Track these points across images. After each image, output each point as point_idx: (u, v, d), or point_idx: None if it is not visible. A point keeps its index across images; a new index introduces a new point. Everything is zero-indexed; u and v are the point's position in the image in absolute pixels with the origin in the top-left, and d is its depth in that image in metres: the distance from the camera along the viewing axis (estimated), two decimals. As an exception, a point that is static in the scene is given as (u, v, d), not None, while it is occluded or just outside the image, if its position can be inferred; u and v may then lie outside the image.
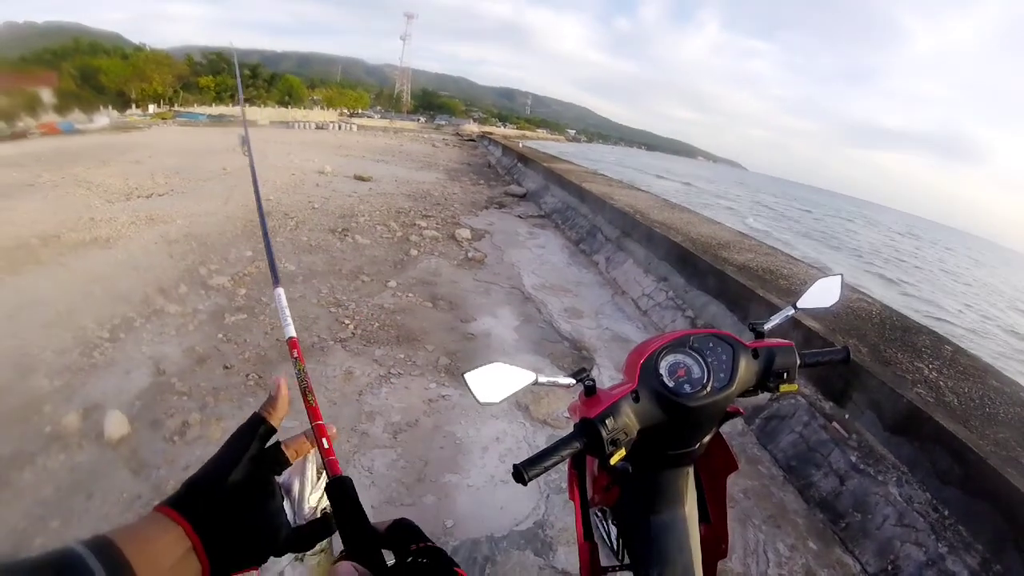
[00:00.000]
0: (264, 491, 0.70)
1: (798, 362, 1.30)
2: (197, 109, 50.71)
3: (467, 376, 1.07)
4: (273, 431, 0.74)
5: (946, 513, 2.97)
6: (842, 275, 1.53)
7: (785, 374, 1.28)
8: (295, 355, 0.88)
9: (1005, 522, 2.72)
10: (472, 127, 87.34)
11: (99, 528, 1.93)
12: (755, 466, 3.65)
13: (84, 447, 2.92)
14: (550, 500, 2.96)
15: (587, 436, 1.11)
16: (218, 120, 40.33)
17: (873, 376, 3.54)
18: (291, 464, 0.74)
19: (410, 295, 5.58)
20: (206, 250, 6.12)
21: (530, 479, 1.02)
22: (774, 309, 4.29)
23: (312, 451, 0.78)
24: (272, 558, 0.71)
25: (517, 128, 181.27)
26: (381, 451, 3.17)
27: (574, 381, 1.20)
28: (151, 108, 49.99)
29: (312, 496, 0.78)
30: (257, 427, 0.72)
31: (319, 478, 0.80)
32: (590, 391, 1.21)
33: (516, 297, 6.05)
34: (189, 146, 16.87)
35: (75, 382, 3.45)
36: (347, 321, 4.71)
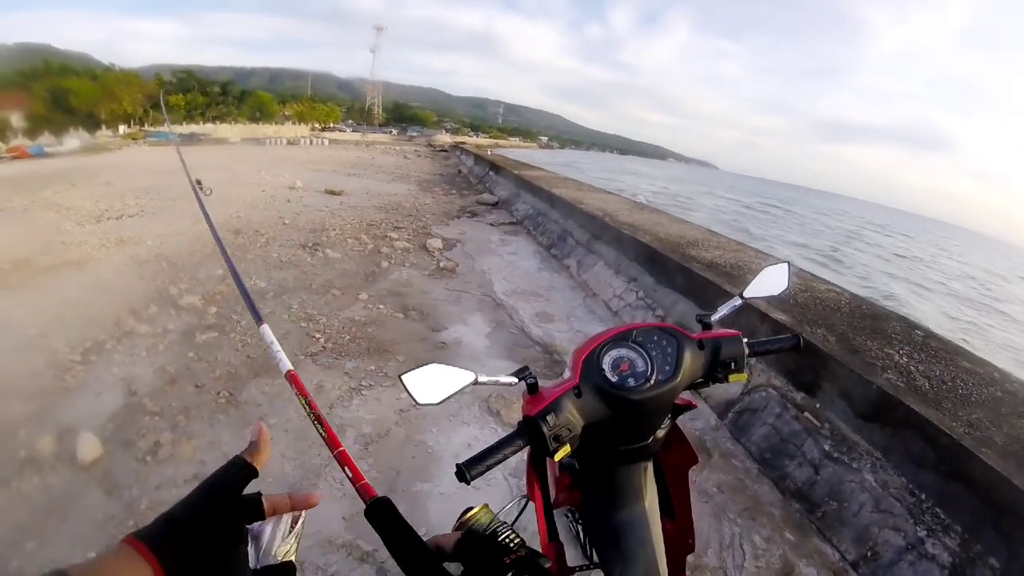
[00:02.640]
0: (235, 535, 0.69)
1: (746, 351, 1.30)
2: (168, 128, 50.25)
3: (404, 378, 1.06)
4: (255, 474, 0.74)
5: (923, 497, 2.99)
6: (789, 262, 1.54)
7: (733, 363, 1.28)
8: (295, 389, 0.95)
9: (982, 503, 2.75)
10: (444, 137, 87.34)
11: (74, 550, 1.97)
12: (729, 460, 3.70)
13: (58, 470, 2.92)
14: (522, 504, 2.98)
15: (529, 433, 1.11)
16: (190, 139, 40.08)
17: (842, 365, 3.57)
18: (265, 518, 0.75)
19: (381, 307, 5.61)
20: (176, 270, 6.12)
21: (473, 478, 1.02)
22: (746, 305, 4.35)
23: (288, 514, 0.80)
24: None
25: (490, 137, 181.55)
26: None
27: (516, 380, 1.18)
28: (121, 129, 49.52)
29: (280, 547, 0.78)
30: (240, 469, 0.73)
31: (290, 531, 0.81)
32: (532, 388, 1.19)
33: (487, 304, 6.10)
34: (160, 166, 16.71)
35: (48, 406, 3.44)
36: (318, 335, 4.73)
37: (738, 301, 1.48)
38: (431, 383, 1.08)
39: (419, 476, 3.13)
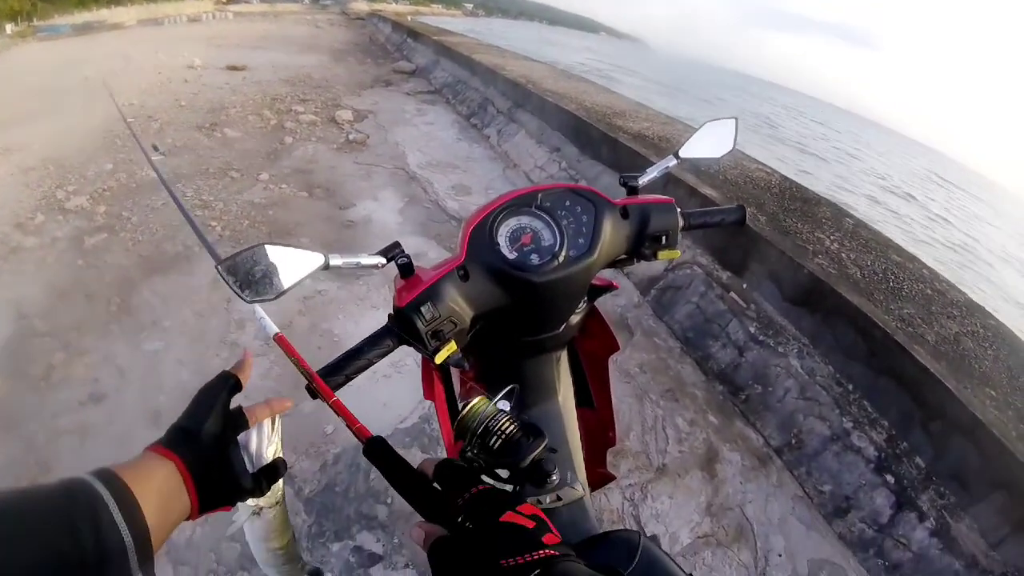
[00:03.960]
0: (230, 442, 0.75)
1: (680, 223, 1.11)
2: (59, 20, 46.50)
3: (222, 268, 0.79)
4: (240, 388, 0.79)
5: (850, 388, 3.00)
6: (736, 119, 1.29)
7: (664, 237, 1.09)
8: (284, 350, 0.94)
9: (912, 401, 2.75)
10: (360, 5, 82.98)
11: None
12: (651, 339, 3.67)
13: (-48, 418, 2.69)
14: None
15: (401, 330, 0.92)
16: (84, 29, 37.28)
17: (772, 245, 3.49)
18: (249, 427, 0.80)
19: (284, 186, 5.33)
20: (64, 171, 5.61)
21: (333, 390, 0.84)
22: (670, 178, 4.21)
23: (267, 418, 0.83)
24: (237, 507, 0.82)
25: (410, 4, 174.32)
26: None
27: (383, 260, 0.95)
28: (8, 28, 45.69)
29: (268, 449, 0.81)
30: (227, 382, 0.77)
31: (272, 432, 0.83)
32: (406, 271, 0.97)
33: (400, 178, 5.86)
34: (51, 62, 15.43)
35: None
36: (214, 223, 4.46)
37: (672, 161, 1.25)
38: (262, 271, 0.83)
39: (326, 369, 3.00)
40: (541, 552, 0.57)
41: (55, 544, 0.49)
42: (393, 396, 2.90)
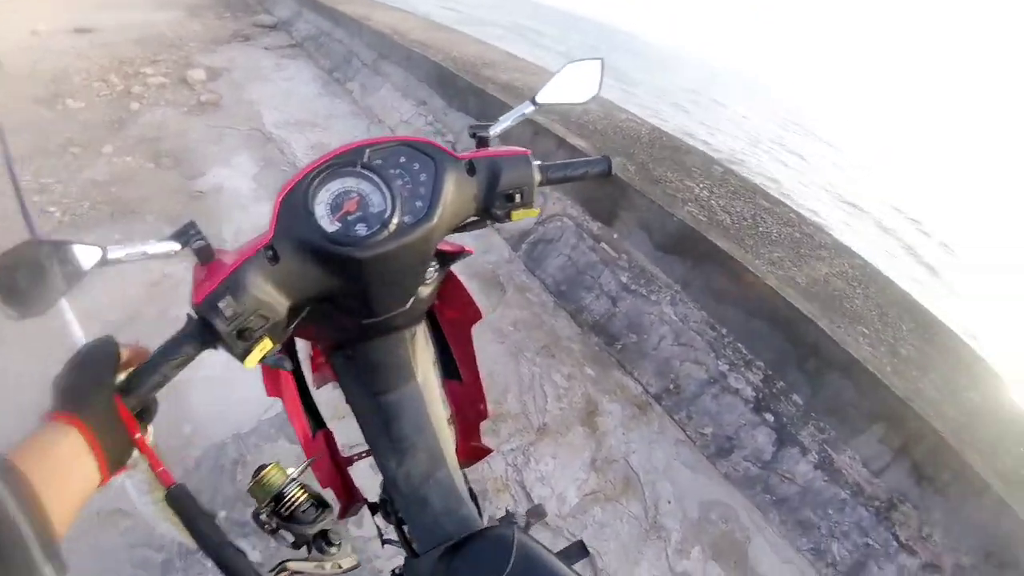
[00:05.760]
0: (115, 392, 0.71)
1: (537, 178, 0.99)
2: None
3: None
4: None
5: (724, 332, 3.10)
6: (602, 59, 1.17)
7: (519, 195, 0.96)
8: None
9: (786, 341, 2.86)
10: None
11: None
12: (524, 294, 3.69)
13: None
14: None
15: (200, 332, 0.76)
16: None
17: (642, 195, 3.54)
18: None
19: (128, 159, 4.97)
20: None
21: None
22: (536, 128, 4.16)
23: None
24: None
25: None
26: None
27: (177, 245, 0.78)
28: None
29: None
30: (111, 341, 0.76)
31: None
32: (204, 256, 0.79)
33: (256, 139, 5.62)
34: None
35: None
36: (52, 208, 4.10)
37: (529, 107, 1.13)
38: (19, 279, 0.63)
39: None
40: None
41: None
42: (256, 385, 2.76)
